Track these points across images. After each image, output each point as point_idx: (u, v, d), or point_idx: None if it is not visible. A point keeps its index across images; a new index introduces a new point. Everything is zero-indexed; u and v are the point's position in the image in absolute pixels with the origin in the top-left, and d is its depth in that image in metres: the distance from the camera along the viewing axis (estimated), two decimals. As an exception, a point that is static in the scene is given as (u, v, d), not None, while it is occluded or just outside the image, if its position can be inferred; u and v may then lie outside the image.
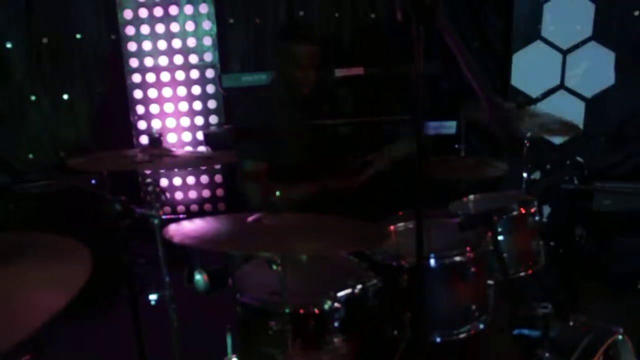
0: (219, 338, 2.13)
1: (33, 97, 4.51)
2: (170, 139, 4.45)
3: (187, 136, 4.48)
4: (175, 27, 4.38)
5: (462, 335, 2.09)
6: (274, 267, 1.73)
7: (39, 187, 4.11)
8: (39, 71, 4.49)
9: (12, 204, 4.04)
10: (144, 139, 4.39)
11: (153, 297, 2.03)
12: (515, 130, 2.64)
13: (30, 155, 4.58)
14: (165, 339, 2.18)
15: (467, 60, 1.44)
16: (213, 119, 4.46)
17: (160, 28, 4.37)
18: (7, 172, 4.51)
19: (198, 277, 2.12)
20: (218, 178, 4.58)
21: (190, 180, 4.56)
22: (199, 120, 4.47)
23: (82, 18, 4.45)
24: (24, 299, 0.95)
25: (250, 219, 1.76)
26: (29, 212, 3.97)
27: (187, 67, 4.42)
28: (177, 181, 4.55)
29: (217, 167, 4.54)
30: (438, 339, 2.08)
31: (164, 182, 4.54)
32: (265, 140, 2.58)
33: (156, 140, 2.01)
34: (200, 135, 4.41)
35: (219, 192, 4.60)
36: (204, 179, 4.56)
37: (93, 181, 4.07)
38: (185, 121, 4.46)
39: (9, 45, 4.40)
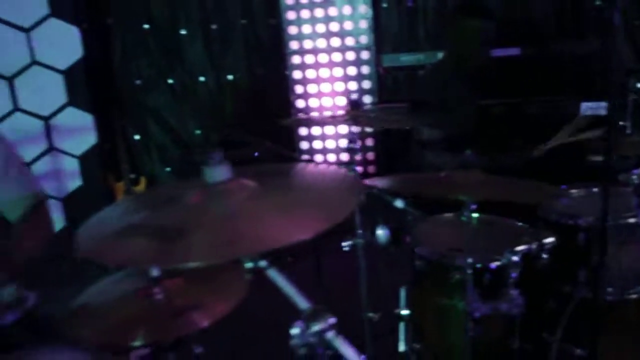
0: (393, 291, 2.36)
1: (202, 78, 4.98)
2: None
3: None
4: (333, 12, 4.63)
5: (633, 296, 2.16)
6: (462, 218, 1.93)
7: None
8: (208, 54, 4.95)
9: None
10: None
11: (346, 243, 2.28)
12: None
13: (198, 131, 5.06)
14: (348, 286, 2.44)
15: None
16: (367, 99, 4.67)
17: (319, 12, 4.65)
18: (179, 146, 5.01)
19: (380, 232, 2.35)
20: (369, 142, 4.75)
21: (343, 143, 4.72)
22: (354, 100, 4.68)
23: (247, 5, 4.85)
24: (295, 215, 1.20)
25: (443, 174, 1.97)
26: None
27: (343, 49, 4.67)
28: (330, 144, 4.81)
29: (369, 130, 4.67)
30: (609, 298, 2.17)
31: (317, 144, 4.82)
32: (437, 112, 2.76)
33: (356, 103, 2.25)
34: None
35: (370, 155, 4.75)
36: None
37: (256, 154, 4.42)
38: (341, 100, 4.71)
39: (183, 32, 4.88)
